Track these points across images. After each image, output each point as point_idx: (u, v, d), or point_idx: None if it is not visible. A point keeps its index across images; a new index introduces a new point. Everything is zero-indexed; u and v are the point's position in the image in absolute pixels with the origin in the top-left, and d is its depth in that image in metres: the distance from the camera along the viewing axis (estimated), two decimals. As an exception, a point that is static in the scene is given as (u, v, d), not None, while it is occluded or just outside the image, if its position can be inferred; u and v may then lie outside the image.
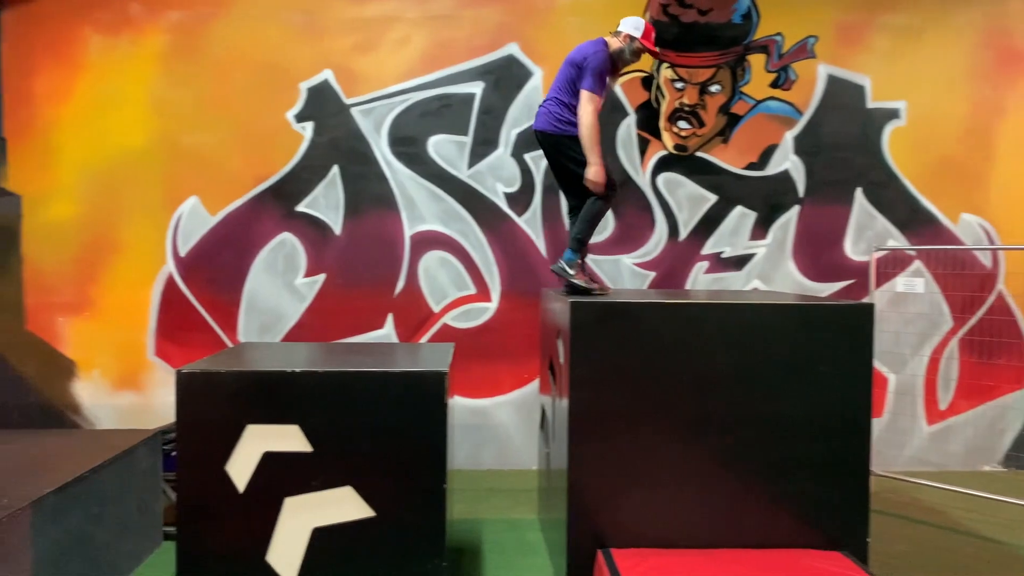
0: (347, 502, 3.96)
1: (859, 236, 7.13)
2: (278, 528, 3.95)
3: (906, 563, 5.01)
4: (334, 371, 4.00)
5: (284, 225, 6.95)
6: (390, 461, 3.96)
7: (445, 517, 4.01)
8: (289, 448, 3.94)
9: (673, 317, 4.42)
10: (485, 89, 6.98)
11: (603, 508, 4.36)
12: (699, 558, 4.20)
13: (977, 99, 7.14)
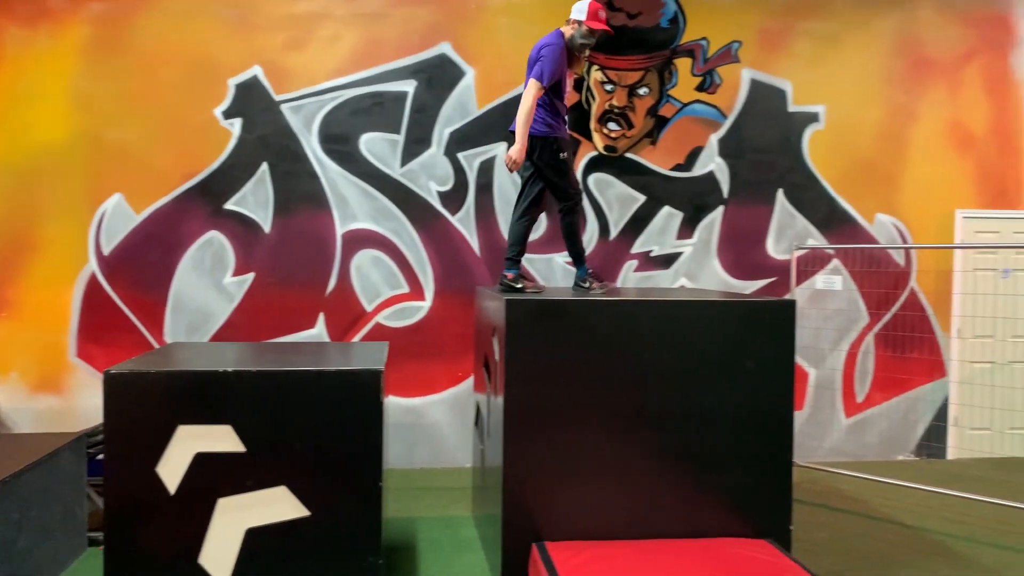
0: (281, 502, 3.94)
1: (780, 235, 7.38)
2: (211, 530, 3.90)
3: (826, 549, 5.22)
4: (268, 370, 3.97)
5: (212, 223, 6.83)
6: (325, 460, 3.95)
7: (381, 515, 4.02)
8: (222, 448, 3.89)
9: (606, 314, 4.51)
10: (417, 88, 6.99)
11: (538, 503, 4.43)
12: (632, 549, 4.31)
13: (891, 104, 7.46)
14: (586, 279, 5.26)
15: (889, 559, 5.09)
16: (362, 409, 3.96)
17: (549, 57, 4.98)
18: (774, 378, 4.57)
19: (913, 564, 5.01)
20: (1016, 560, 5.10)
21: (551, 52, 5.01)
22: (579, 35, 5.09)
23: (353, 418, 3.96)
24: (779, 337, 4.58)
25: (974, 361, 7.51)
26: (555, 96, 5.11)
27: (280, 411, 3.92)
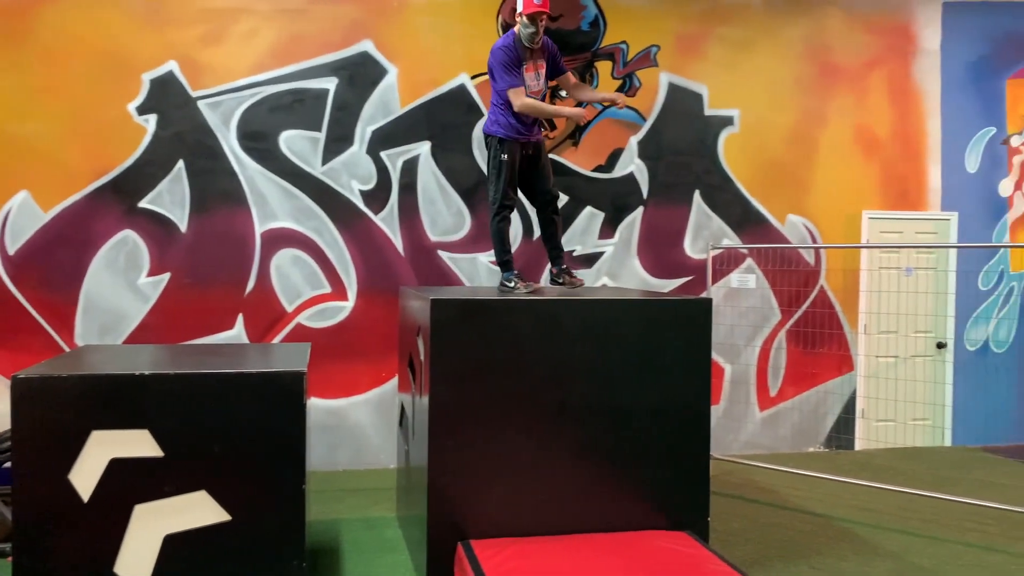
0: (201, 507, 3.86)
1: (697, 235, 7.58)
2: (127, 537, 3.80)
3: (742, 539, 5.40)
4: (185, 373, 3.89)
5: (125, 222, 6.62)
6: (246, 464, 3.89)
7: (304, 518, 3.98)
8: (138, 454, 3.79)
9: (529, 314, 4.57)
10: (339, 85, 6.92)
11: (463, 501, 4.46)
12: (555, 544, 4.37)
13: (802, 108, 7.74)
14: (511, 279, 5.29)
15: (801, 547, 5.29)
16: (284, 412, 3.91)
17: (497, 64, 5.16)
18: (691, 374, 4.71)
19: (823, 551, 5.22)
20: (918, 544, 5.36)
21: (495, 59, 5.17)
22: (522, 26, 5.12)
23: (275, 421, 3.91)
24: (696, 334, 4.72)
25: (879, 356, 7.86)
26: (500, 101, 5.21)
27: (199, 415, 3.84)
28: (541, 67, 5.29)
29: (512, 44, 5.17)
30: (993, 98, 8.12)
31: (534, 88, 5.24)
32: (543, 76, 5.31)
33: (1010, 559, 5.14)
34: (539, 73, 5.27)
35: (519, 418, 4.50)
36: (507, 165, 5.22)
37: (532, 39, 5.14)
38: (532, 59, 5.23)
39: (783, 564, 4.98)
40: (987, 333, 8.18)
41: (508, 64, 5.14)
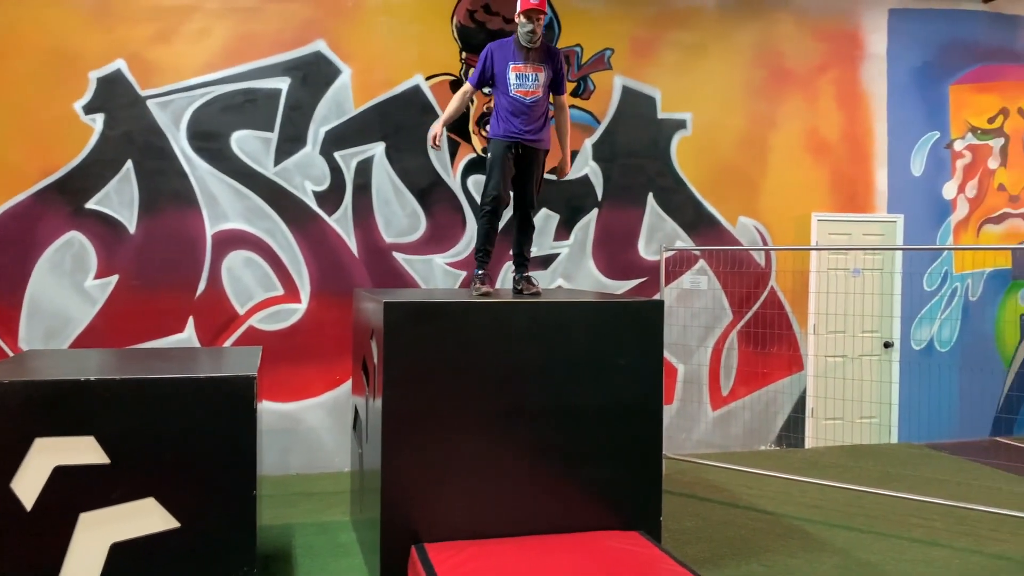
0: (149, 514, 3.80)
1: (651, 237, 7.65)
2: (72, 546, 3.72)
3: (695, 537, 5.47)
4: (133, 378, 3.82)
5: (72, 223, 6.48)
6: (196, 470, 3.84)
7: (255, 523, 3.94)
8: (84, 461, 3.72)
9: (482, 316, 4.57)
10: (292, 85, 6.86)
11: (417, 504, 4.44)
12: (509, 546, 4.38)
13: (753, 112, 7.86)
14: (475, 279, 5.27)
15: (751, 544, 5.37)
16: (234, 416, 3.87)
17: (478, 62, 5.18)
18: (644, 375, 4.75)
19: (773, 548, 5.31)
20: (865, 540, 5.48)
21: (479, 58, 5.18)
22: (520, 26, 5.06)
23: (225, 426, 3.86)
24: (648, 335, 4.77)
25: (828, 355, 8.02)
26: (501, 91, 5.13)
27: (147, 420, 3.78)
28: (539, 70, 5.10)
29: (508, 43, 5.15)
30: (937, 103, 8.33)
31: (523, 88, 5.08)
32: (542, 81, 5.10)
33: (953, 553, 5.28)
34: (536, 76, 5.09)
35: (473, 420, 4.51)
36: (490, 164, 5.17)
37: (530, 38, 5.04)
38: (530, 60, 5.10)
39: (734, 562, 5.05)
40: (932, 333, 8.38)
41: (484, 60, 5.15)
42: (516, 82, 5.08)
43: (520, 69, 5.09)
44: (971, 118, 8.43)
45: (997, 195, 8.54)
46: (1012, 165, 8.55)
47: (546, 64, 5.14)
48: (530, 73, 5.09)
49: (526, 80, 5.09)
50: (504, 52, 5.13)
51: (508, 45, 5.15)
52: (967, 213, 8.43)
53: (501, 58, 5.11)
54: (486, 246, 5.30)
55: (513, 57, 5.11)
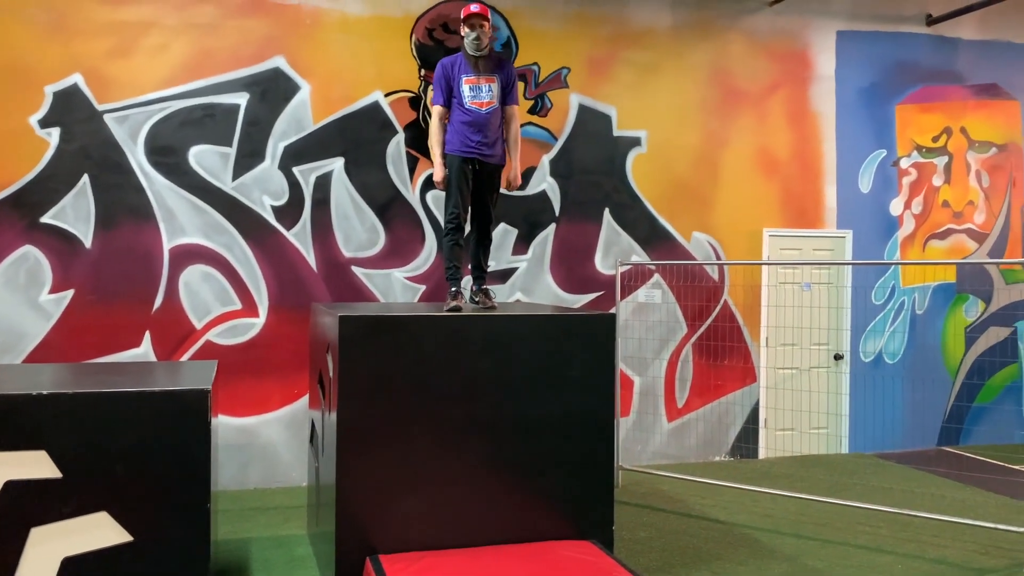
0: (102, 528, 3.81)
1: (607, 252, 7.79)
2: (23, 561, 3.72)
3: (647, 547, 5.57)
4: (85, 392, 3.83)
5: (26, 237, 6.44)
6: (149, 483, 3.86)
7: (209, 536, 3.96)
8: (35, 475, 3.73)
9: (437, 329, 4.65)
10: (250, 101, 6.89)
11: (372, 516, 4.50)
12: (463, 556, 4.45)
13: (706, 130, 8.05)
14: (448, 296, 5.28)
15: (703, 553, 5.49)
16: (188, 430, 3.89)
17: (434, 79, 5.27)
18: (597, 386, 4.86)
19: (723, 556, 5.43)
20: (813, 548, 5.62)
21: (435, 75, 5.26)
22: (464, 37, 5.18)
23: (178, 439, 3.89)
24: (601, 348, 4.88)
25: (780, 367, 8.20)
26: (457, 105, 5.21)
27: (100, 434, 3.79)
28: (492, 80, 5.21)
29: (458, 57, 5.25)
30: (884, 122, 8.60)
31: (478, 100, 5.17)
32: (495, 92, 5.21)
33: (897, 559, 5.44)
34: (489, 87, 5.19)
35: (428, 432, 4.58)
36: (448, 182, 5.24)
37: (475, 46, 5.14)
38: (480, 71, 5.19)
39: (685, 570, 5.16)
40: (880, 345, 8.61)
41: (439, 79, 5.22)
42: (470, 94, 5.18)
43: (473, 81, 5.18)
44: (916, 137, 8.71)
45: (942, 211, 8.81)
46: (956, 183, 8.84)
47: (497, 74, 5.25)
48: (483, 84, 5.19)
49: (480, 91, 5.19)
50: (456, 66, 5.23)
51: (458, 59, 5.26)
52: (913, 229, 8.70)
53: (453, 72, 5.21)
54: (454, 262, 5.35)
55: (464, 70, 5.20)
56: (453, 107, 5.26)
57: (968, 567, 5.30)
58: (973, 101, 8.86)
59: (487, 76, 5.21)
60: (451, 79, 5.22)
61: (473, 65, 5.20)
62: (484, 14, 5.14)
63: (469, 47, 5.19)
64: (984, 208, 8.93)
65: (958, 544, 5.71)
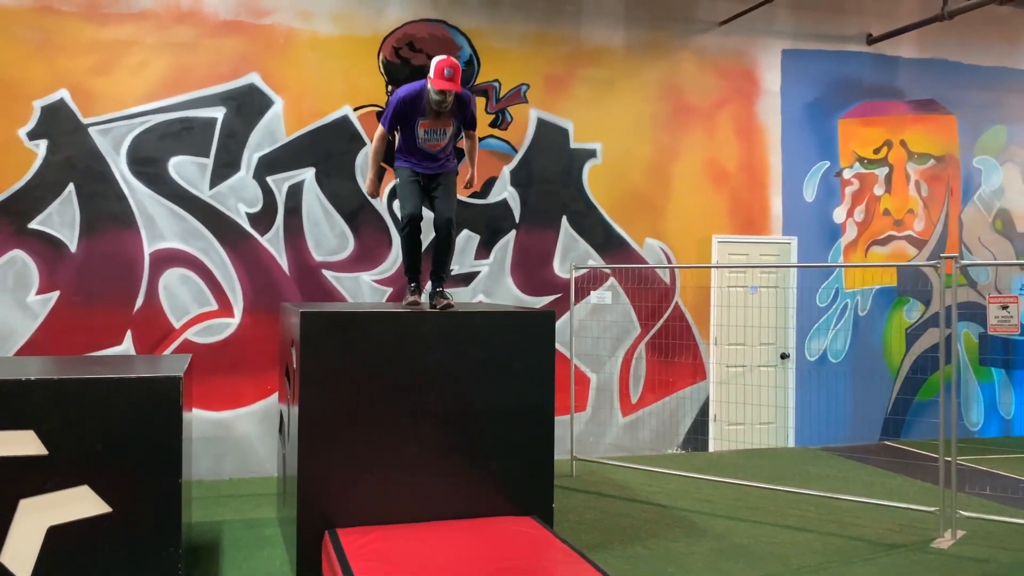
0: (83, 500, 4.23)
1: (565, 257, 8.28)
2: (12, 529, 4.13)
3: (590, 527, 6.04)
4: (70, 378, 4.27)
5: (15, 242, 6.88)
6: (127, 460, 4.29)
7: (180, 509, 4.40)
8: (23, 452, 4.14)
9: (391, 325, 5.12)
10: (227, 114, 7.36)
11: (330, 494, 4.94)
12: (414, 530, 4.90)
13: (658, 143, 8.56)
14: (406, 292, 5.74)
15: (641, 532, 5.97)
16: (161, 412, 4.33)
17: (387, 106, 5.43)
18: (537, 378, 5.33)
19: (659, 535, 5.90)
20: (743, 528, 6.11)
21: (391, 98, 5.38)
22: (430, 91, 5.18)
23: (153, 421, 4.32)
24: (541, 344, 5.35)
25: (729, 365, 8.70)
26: (408, 137, 5.39)
27: (82, 416, 4.22)
28: (447, 125, 5.38)
29: (416, 96, 5.26)
30: (827, 135, 9.13)
31: (432, 142, 5.39)
32: (449, 134, 5.42)
33: (818, 537, 5.92)
34: (443, 130, 5.38)
35: (382, 419, 5.03)
36: (399, 188, 5.58)
37: (439, 106, 5.22)
38: (436, 117, 5.30)
39: (621, 546, 5.63)
40: (825, 345, 9.13)
41: (396, 112, 5.31)
42: (424, 136, 5.37)
43: (429, 125, 5.34)
44: (858, 149, 9.25)
45: (883, 219, 9.35)
46: (896, 192, 9.38)
47: (456, 118, 5.41)
48: (439, 128, 5.39)
49: (434, 134, 5.39)
50: (414, 105, 5.28)
51: (419, 99, 5.27)
52: (856, 235, 9.23)
53: (411, 111, 5.28)
54: (411, 261, 5.67)
55: (422, 112, 5.29)
56: (404, 135, 5.40)
57: (880, 543, 5.79)
58: (912, 115, 9.42)
59: (445, 120, 5.36)
60: (406, 116, 5.31)
61: (433, 113, 5.29)
62: (458, 90, 5.22)
63: (434, 103, 5.21)
64: (923, 216, 9.48)
65: (877, 524, 6.21)
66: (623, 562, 5.31)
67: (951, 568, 5.31)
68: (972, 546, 5.74)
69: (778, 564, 5.36)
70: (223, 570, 5.14)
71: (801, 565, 5.33)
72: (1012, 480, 7.56)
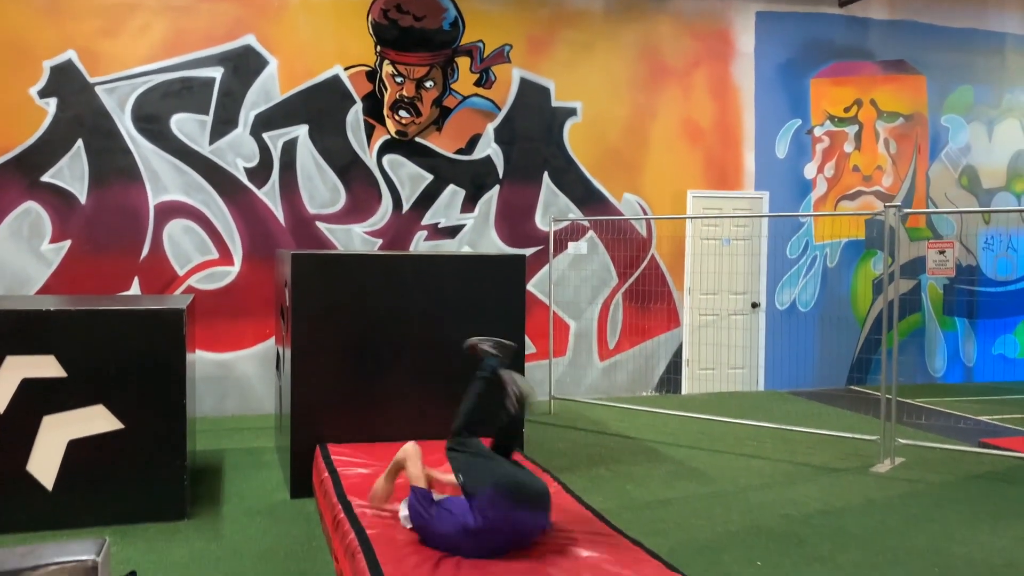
0: (99, 418, 4.79)
1: (546, 211, 8.75)
2: (37, 442, 4.70)
3: (561, 455, 6.59)
4: (86, 309, 4.81)
5: (29, 194, 7.38)
6: (137, 383, 4.83)
7: (186, 426, 4.96)
8: (45, 374, 4.69)
9: (374, 266, 5.62)
10: (224, 74, 7.80)
11: (321, 416, 5.48)
12: (396, 448, 5.44)
13: (636, 103, 8.99)
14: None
15: (606, 458, 6.52)
16: (167, 340, 4.87)
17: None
18: (510, 315, 5.83)
19: (623, 460, 6.46)
20: (701, 455, 6.65)
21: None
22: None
23: (161, 348, 4.87)
24: (513, 284, 5.85)
25: (703, 313, 9.21)
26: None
27: (98, 343, 4.76)
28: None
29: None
30: (799, 95, 9.54)
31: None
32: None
33: (769, 463, 6.47)
34: None
35: (367, 350, 5.55)
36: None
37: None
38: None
39: (587, 469, 6.19)
40: (794, 295, 9.62)
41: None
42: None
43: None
44: (829, 108, 9.66)
45: (852, 175, 9.79)
46: (865, 149, 9.80)
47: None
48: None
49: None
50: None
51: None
52: (826, 191, 9.68)
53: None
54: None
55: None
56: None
57: (825, 467, 6.34)
58: (882, 75, 9.81)
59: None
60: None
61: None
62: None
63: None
64: (891, 172, 9.91)
65: (825, 453, 6.76)
66: (586, 481, 5.86)
67: (882, 487, 5.86)
68: (907, 470, 6.29)
69: (727, 483, 5.91)
70: (224, 486, 5.70)
71: (748, 484, 5.88)
72: (953, 416, 8.11)
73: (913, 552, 4.64)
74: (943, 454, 6.68)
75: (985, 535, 4.93)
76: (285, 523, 4.97)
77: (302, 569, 4.30)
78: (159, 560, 4.36)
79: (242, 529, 4.86)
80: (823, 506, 5.41)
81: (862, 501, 5.53)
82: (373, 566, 3.51)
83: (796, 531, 4.94)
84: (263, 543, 4.65)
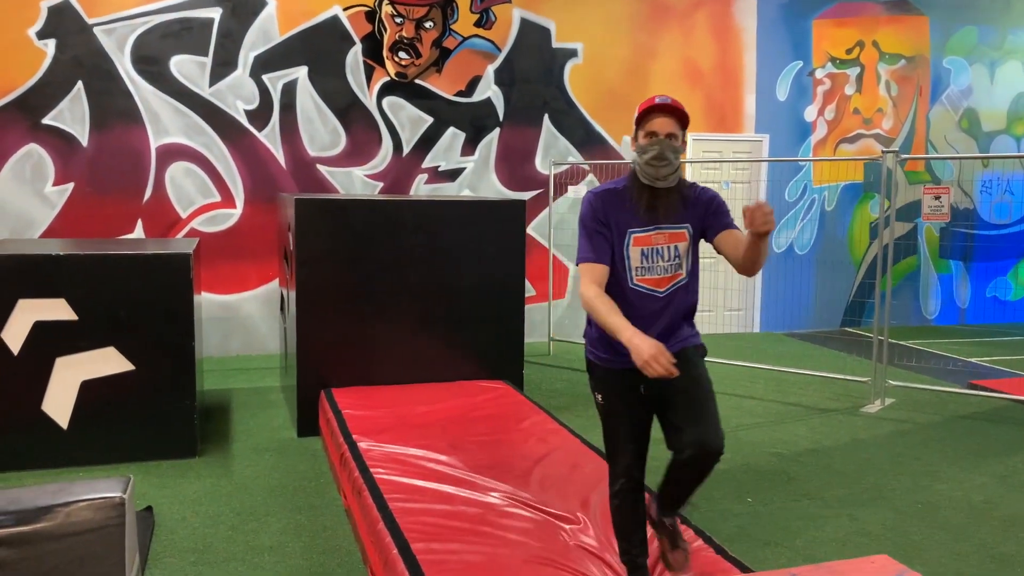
0: (110, 359, 4.93)
1: (546, 154, 8.78)
2: (51, 383, 4.84)
3: (559, 394, 6.77)
4: (95, 253, 4.90)
5: (31, 136, 7.40)
6: (147, 325, 4.96)
7: (194, 367, 5.10)
8: (57, 317, 4.81)
9: (376, 211, 5.70)
10: (223, 15, 7.75)
11: (325, 359, 5.63)
12: (398, 391, 5.61)
13: (636, 44, 8.94)
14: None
15: (603, 399, 6.69)
16: (175, 283, 4.98)
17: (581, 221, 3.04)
18: (509, 257, 5.95)
19: (619, 401, 6.62)
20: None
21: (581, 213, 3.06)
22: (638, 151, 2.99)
23: (169, 291, 4.98)
24: (512, 228, 5.95)
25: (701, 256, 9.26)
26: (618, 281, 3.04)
27: (107, 286, 4.87)
28: (678, 238, 3.05)
29: (617, 189, 3.03)
30: (801, 36, 9.48)
31: (651, 275, 3.02)
32: (679, 252, 3.07)
33: (760, 403, 6.65)
34: (664, 249, 3.02)
35: (370, 294, 5.67)
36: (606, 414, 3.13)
37: (654, 170, 2.93)
38: (653, 217, 2.98)
39: (581, 408, 6.35)
40: (792, 237, 9.71)
41: (590, 223, 2.98)
42: (640, 263, 3.00)
43: (640, 242, 3.00)
44: (831, 49, 9.61)
45: (852, 118, 9.79)
46: (866, 91, 9.78)
47: (683, 217, 3.06)
48: (656, 247, 3.02)
49: (650, 258, 3.03)
50: (607, 206, 2.99)
51: (612, 194, 3.03)
52: (825, 133, 9.69)
53: (605, 216, 2.98)
54: (628, 541, 3.19)
55: (631, 217, 2.98)
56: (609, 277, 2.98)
57: (815, 408, 6.52)
58: (885, 16, 9.73)
59: (667, 230, 3.03)
60: (608, 225, 2.97)
61: (645, 205, 2.99)
62: (679, 109, 3.02)
63: (645, 174, 2.97)
64: (892, 115, 9.90)
65: (816, 394, 6.93)
66: (583, 420, 6.00)
67: (871, 427, 6.05)
68: (896, 410, 6.47)
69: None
70: (233, 425, 5.88)
71: (739, 424, 6.06)
72: (944, 358, 8.29)
73: (897, 489, 4.83)
74: (932, 395, 6.86)
75: (967, 473, 5.12)
76: (293, 460, 5.15)
77: (311, 503, 4.48)
78: (173, 495, 4.54)
79: (251, 466, 5.04)
80: (813, 445, 5.59)
81: (850, 440, 5.72)
82: (380, 503, 3.68)
83: (786, 469, 5.12)
84: (272, 479, 4.83)
